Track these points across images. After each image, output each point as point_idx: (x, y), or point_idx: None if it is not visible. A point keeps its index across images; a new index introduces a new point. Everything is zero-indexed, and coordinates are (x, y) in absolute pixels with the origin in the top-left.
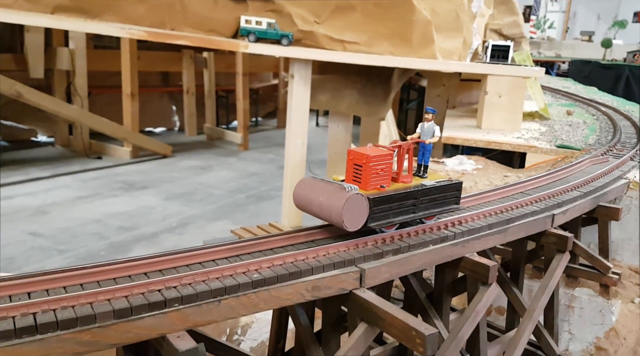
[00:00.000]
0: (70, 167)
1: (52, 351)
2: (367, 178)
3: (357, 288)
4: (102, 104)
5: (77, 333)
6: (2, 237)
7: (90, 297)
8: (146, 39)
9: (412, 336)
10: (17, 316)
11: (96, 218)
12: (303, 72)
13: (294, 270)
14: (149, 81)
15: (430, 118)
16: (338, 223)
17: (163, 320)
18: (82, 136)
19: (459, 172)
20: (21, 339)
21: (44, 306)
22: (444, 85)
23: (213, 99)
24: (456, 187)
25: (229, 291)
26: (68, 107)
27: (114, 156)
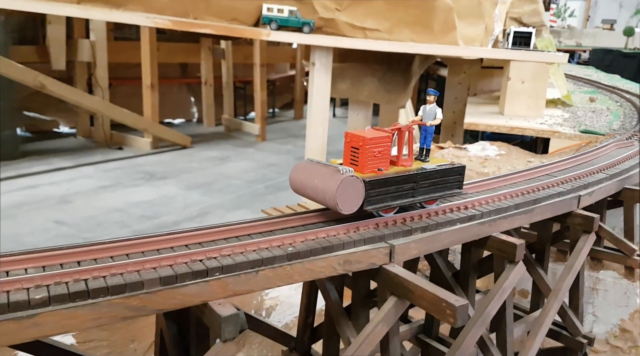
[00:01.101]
0: (93, 157)
1: (103, 315)
2: (364, 161)
3: (386, 264)
4: (122, 96)
5: (126, 298)
6: (27, 225)
7: (137, 265)
8: (171, 28)
9: (443, 307)
10: (70, 281)
11: (119, 207)
12: (324, 59)
13: (326, 244)
14: (168, 72)
15: (432, 101)
16: (332, 206)
17: (205, 287)
18: (104, 127)
19: (482, 157)
20: (75, 303)
21: (95, 273)
22: (465, 72)
23: (231, 90)
24: (458, 171)
25: (265, 263)
26: (90, 98)
27: (135, 147)
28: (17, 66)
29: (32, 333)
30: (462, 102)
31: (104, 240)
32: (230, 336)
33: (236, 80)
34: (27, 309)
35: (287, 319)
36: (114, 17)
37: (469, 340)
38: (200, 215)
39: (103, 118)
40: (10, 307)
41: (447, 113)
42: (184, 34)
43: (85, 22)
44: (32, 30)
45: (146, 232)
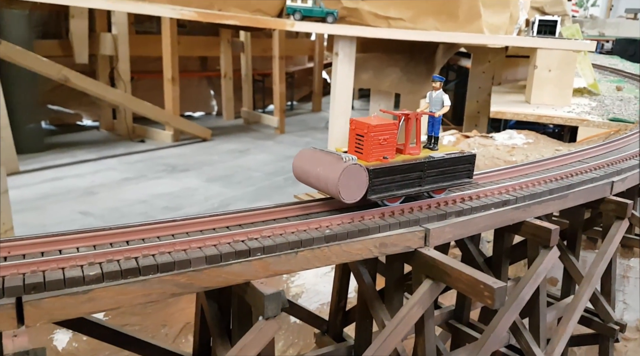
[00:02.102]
0: (115, 150)
1: (153, 291)
2: (369, 149)
3: (421, 247)
4: (143, 89)
5: (175, 275)
6: (54, 216)
7: (184, 245)
8: (196, 19)
9: (480, 289)
10: (121, 259)
11: (142, 199)
12: (347, 49)
13: (363, 227)
14: (188, 66)
15: (439, 87)
16: (335, 194)
17: (248, 267)
18: (126, 120)
19: (509, 146)
20: (126, 279)
21: (144, 252)
22: (490, 61)
23: (250, 83)
24: (468, 160)
25: (304, 244)
26: (113, 92)
27: (157, 139)
28: (42, 60)
29: (87, 307)
30: (487, 92)
31: (150, 221)
32: (272, 314)
33: (255, 73)
34: (82, 285)
35: (313, 306)
36: (141, 9)
37: (502, 325)
38: (222, 206)
39: (125, 111)
40: (67, 283)
41: (471, 102)
42: (204, 28)
43: (107, 15)
44: (55, 24)
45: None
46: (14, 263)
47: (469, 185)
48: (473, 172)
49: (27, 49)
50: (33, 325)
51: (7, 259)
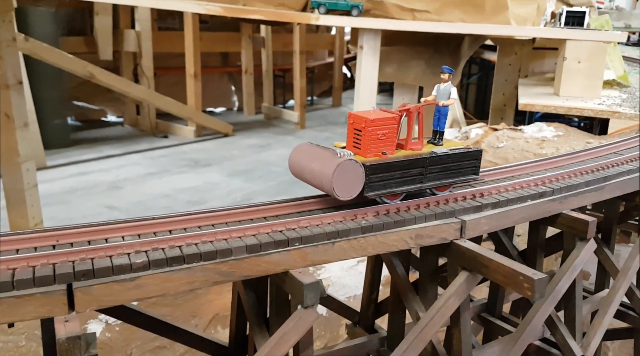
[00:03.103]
0: (139, 145)
1: (197, 279)
2: (366, 144)
3: (457, 239)
4: (165, 85)
5: (217, 264)
6: (80, 210)
7: (224, 234)
8: (222, 14)
9: (520, 281)
10: (165, 248)
11: (166, 193)
12: (372, 42)
13: (398, 219)
14: (209, 62)
15: (447, 79)
16: (329, 191)
17: (287, 256)
18: (150, 116)
19: (539, 138)
20: (171, 267)
21: (188, 241)
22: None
23: (270, 79)
24: (474, 156)
25: (341, 235)
26: (137, 88)
27: (179, 135)
28: (68, 56)
29: (134, 294)
30: (513, 84)
31: (191, 211)
32: (311, 303)
33: (275, 69)
34: (129, 272)
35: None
36: (167, 4)
37: (538, 318)
38: (244, 200)
39: (149, 107)
40: (114, 270)
41: (497, 95)
42: (225, 24)
43: (131, 12)
44: (80, 21)
45: None
46: (64, 251)
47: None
48: (479, 169)
49: (53, 45)
50: (83, 310)
51: (55, 247)
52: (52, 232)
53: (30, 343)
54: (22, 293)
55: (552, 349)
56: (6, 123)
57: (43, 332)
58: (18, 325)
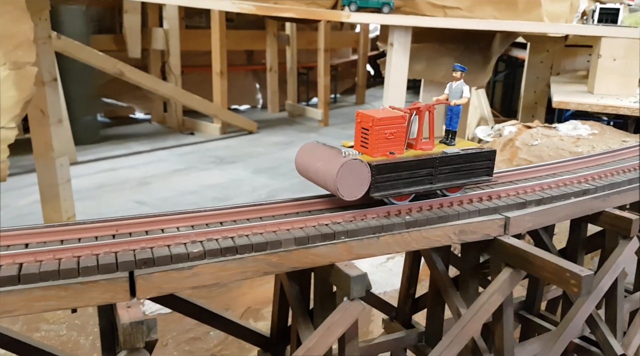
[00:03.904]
0: (167, 142)
1: (249, 269)
2: (374, 144)
3: (501, 235)
4: (192, 83)
5: (268, 255)
6: (110, 205)
7: (274, 226)
8: (254, 13)
9: (566, 277)
10: (219, 238)
11: (192, 189)
12: (403, 39)
13: (442, 214)
14: (235, 60)
15: (459, 77)
16: (333, 191)
17: (333, 249)
18: (176, 113)
19: (574, 137)
20: (225, 257)
21: (239, 232)
22: (548, 50)
23: (295, 76)
24: (487, 156)
25: (385, 229)
26: (165, 85)
27: (205, 132)
28: (98, 54)
29: (191, 282)
30: (544, 82)
31: (241, 204)
32: (358, 295)
33: (299, 66)
34: (186, 261)
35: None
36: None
37: (580, 316)
38: (269, 197)
39: (176, 104)
40: (173, 259)
41: (528, 93)
42: (250, 22)
43: (159, 11)
44: (109, 19)
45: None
46: (124, 240)
47: (548, 174)
48: (493, 170)
49: (84, 43)
50: (144, 297)
51: (115, 237)
52: (111, 222)
53: (70, 332)
54: (87, 279)
55: (592, 347)
56: (41, 119)
57: (100, 319)
58: (59, 315)
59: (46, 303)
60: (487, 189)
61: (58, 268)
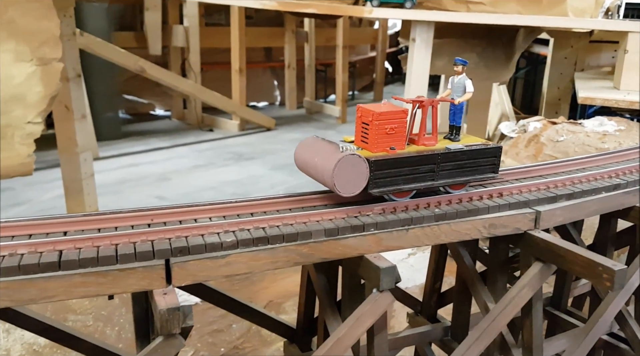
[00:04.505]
0: (186, 139)
1: (280, 259)
2: (374, 139)
3: (531, 229)
4: (211, 80)
5: (299, 245)
6: (132, 200)
7: (304, 218)
8: (276, 9)
9: (599, 272)
10: (251, 229)
11: (212, 185)
12: (425, 35)
13: (472, 208)
14: (253, 57)
15: (461, 71)
16: (330, 186)
17: (362, 241)
18: (196, 110)
19: (600, 133)
20: (257, 247)
21: (270, 223)
22: (572, 46)
23: (313, 73)
24: (493, 153)
25: (414, 222)
26: (185, 82)
27: (224, 129)
28: (121, 51)
29: (224, 271)
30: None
31: (271, 196)
32: (387, 287)
33: (317, 63)
34: (220, 250)
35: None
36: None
37: (610, 312)
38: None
39: (195, 101)
40: (207, 248)
41: (552, 89)
42: (269, 19)
43: (180, 8)
44: (130, 16)
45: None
46: (160, 229)
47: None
48: (499, 167)
49: (106, 40)
50: (179, 285)
51: (150, 226)
52: (146, 211)
53: (97, 323)
54: (125, 266)
55: (621, 344)
56: (65, 114)
57: (134, 307)
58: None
59: (85, 289)
60: (516, 183)
61: (97, 255)
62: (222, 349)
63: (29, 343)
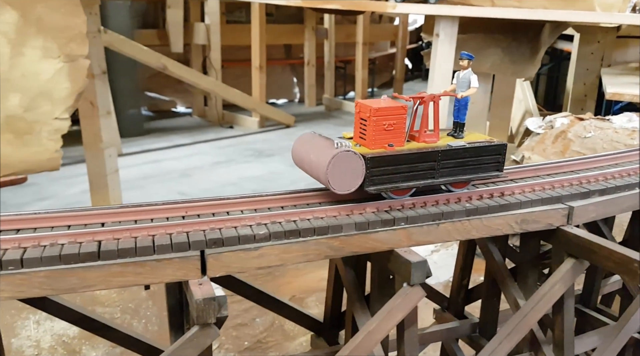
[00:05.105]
0: (207, 135)
1: (311, 252)
2: (371, 135)
3: (564, 225)
4: (230, 77)
5: (329, 239)
6: (155, 195)
7: (334, 211)
8: (301, 6)
9: (634, 268)
10: (282, 222)
11: (232, 181)
12: (449, 30)
13: (504, 202)
14: (273, 54)
15: (466, 66)
16: (325, 183)
17: (393, 235)
18: (216, 107)
19: (629, 129)
20: (289, 240)
21: (301, 216)
22: (599, 42)
23: (332, 70)
24: (497, 150)
25: (445, 217)
26: (206, 79)
27: (244, 126)
28: (143, 48)
29: (257, 262)
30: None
31: (300, 189)
32: (418, 281)
33: (336, 60)
34: (253, 242)
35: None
36: None
37: None
38: None
39: (216, 98)
40: (240, 240)
41: (578, 85)
42: (289, 16)
43: (201, 6)
44: (153, 14)
45: None
46: (194, 221)
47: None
48: (503, 165)
49: (128, 38)
50: (214, 275)
51: (184, 218)
52: (180, 204)
53: (124, 315)
54: (162, 257)
55: None
56: (91, 111)
57: (168, 298)
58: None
59: (124, 279)
60: (549, 178)
61: (135, 246)
62: (246, 343)
63: (58, 334)
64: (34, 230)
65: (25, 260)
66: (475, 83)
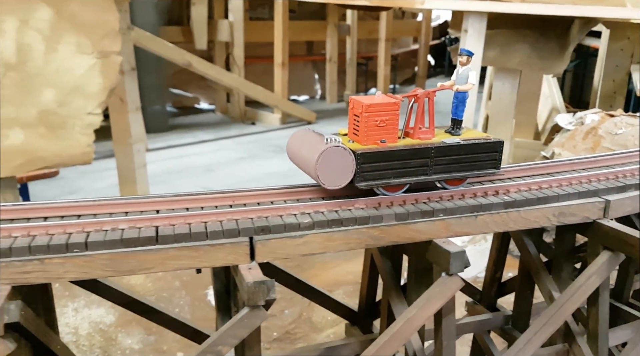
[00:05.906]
0: (230, 132)
1: (352, 241)
2: (364, 131)
3: (600, 218)
4: (253, 73)
5: (370, 228)
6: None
7: (374, 202)
8: (328, 2)
9: None
10: (324, 211)
11: (255, 177)
12: (477, 25)
13: (541, 195)
14: (295, 51)
15: (465, 62)
16: (315, 178)
17: (432, 226)
18: (239, 103)
19: None
20: (332, 229)
21: (343, 206)
22: (629, 38)
23: (354, 67)
24: (493, 148)
25: (483, 209)
26: (230, 76)
27: (266, 122)
28: (169, 45)
29: (301, 250)
30: (624, 70)
31: None
32: (456, 271)
33: (358, 57)
34: (298, 230)
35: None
36: None
37: None
38: None
39: (238, 95)
40: (286, 228)
41: (607, 82)
42: (312, 12)
43: (225, 3)
44: (177, 11)
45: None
46: (242, 209)
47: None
48: (500, 162)
49: (154, 35)
50: (261, 261)
51: (232, 206)
52: (227, 193)
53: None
54: (214, 242)
55: None
56: (120, 106)
57: (214, 284)
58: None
59: (179, 262)
60: (585, 172)
61: (189, 232)
62: (275, 333)
63: (95, 321)
64: (94, 216)
65: (90, 244)
66: (473, 79)
